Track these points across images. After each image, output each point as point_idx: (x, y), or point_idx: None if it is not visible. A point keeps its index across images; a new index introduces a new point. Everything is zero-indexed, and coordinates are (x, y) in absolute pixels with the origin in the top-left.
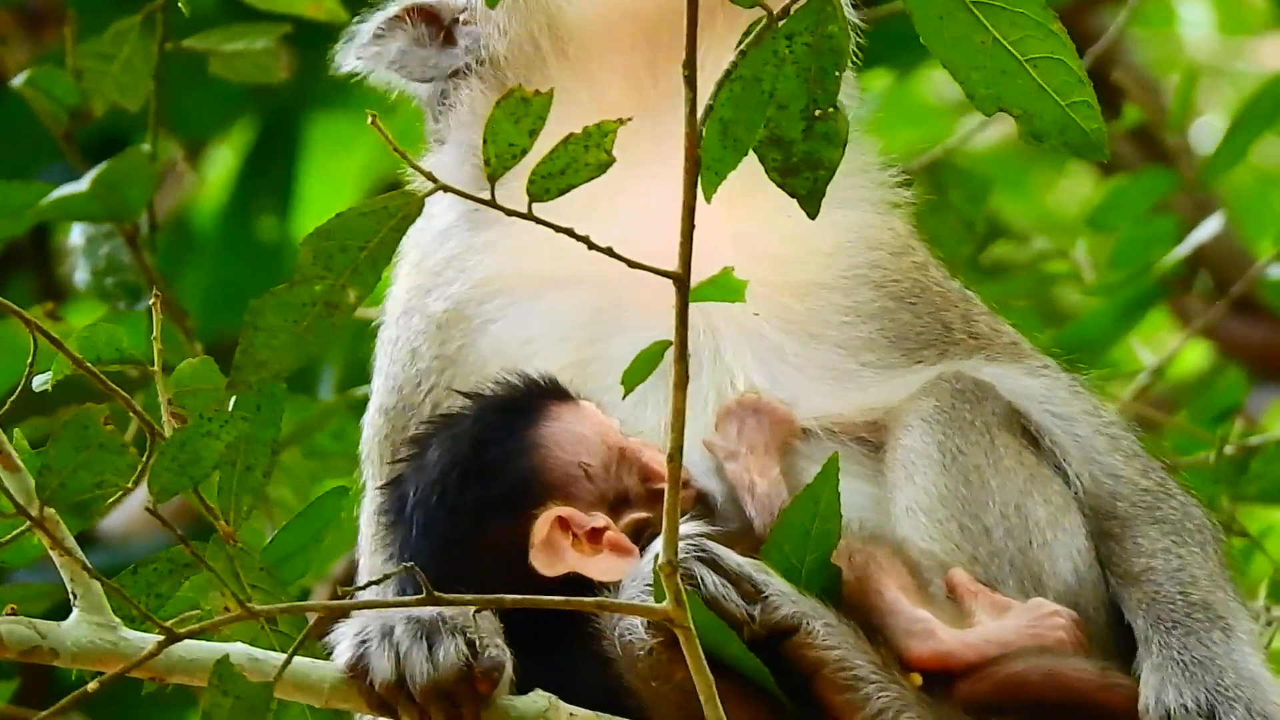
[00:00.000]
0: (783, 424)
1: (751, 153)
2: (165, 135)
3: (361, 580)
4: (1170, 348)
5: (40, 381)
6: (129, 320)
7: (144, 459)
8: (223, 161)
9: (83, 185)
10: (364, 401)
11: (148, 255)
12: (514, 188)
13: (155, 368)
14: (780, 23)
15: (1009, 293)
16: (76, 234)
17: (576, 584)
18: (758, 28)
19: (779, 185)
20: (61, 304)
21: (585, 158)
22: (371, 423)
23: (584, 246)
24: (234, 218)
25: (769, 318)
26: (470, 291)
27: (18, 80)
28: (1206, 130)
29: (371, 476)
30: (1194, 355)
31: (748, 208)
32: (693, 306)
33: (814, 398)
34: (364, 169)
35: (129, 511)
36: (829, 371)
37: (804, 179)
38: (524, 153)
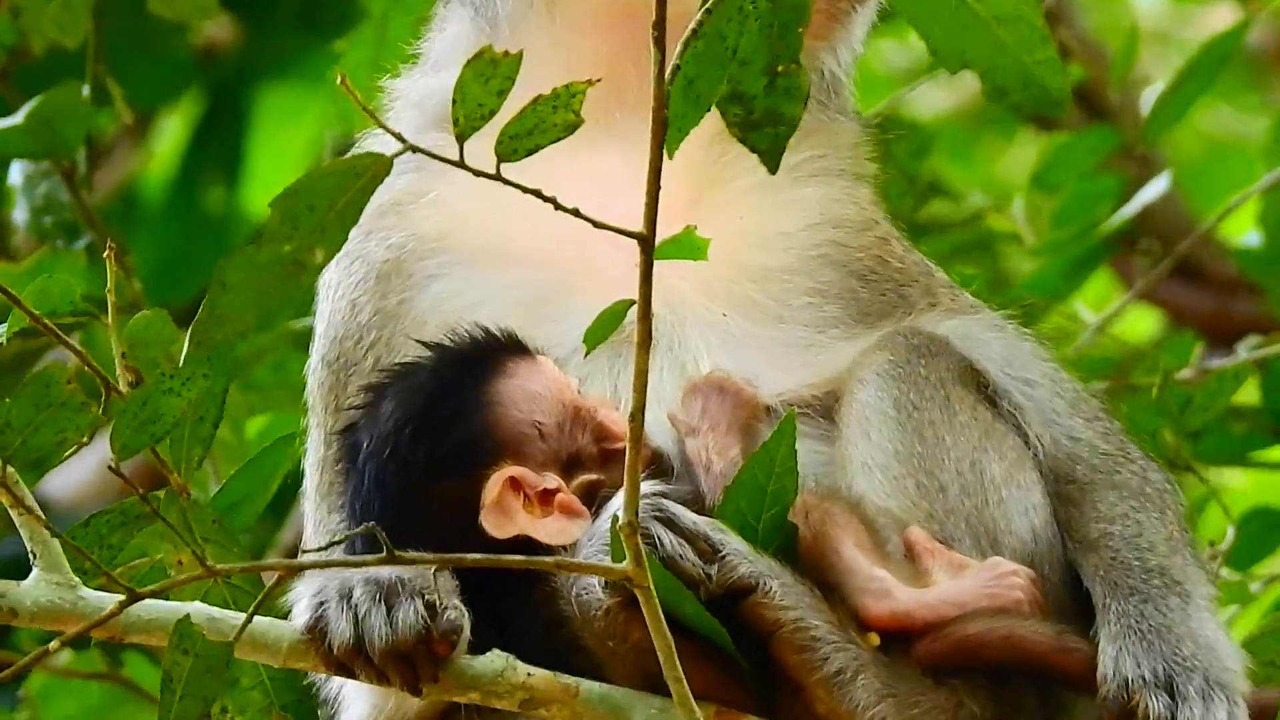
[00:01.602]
0: (747, 405)
1: (715, 146)
2: (110, 112)
3: (309, 530)
4: (1115, 309)
5: None
6: (66, 257)
7: (99, 413)
8: (171, 133)
9: (17, 119)
10: (303, 334)
11: (85, 193)
12: (483, 144)
13: (110, 321)
14: None
15: (953, 256)
16: (15, 173)
17: (526, 544)
18: None
19: (740, 140)
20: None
21: (553, 119)
22: (314, 372)
23: (530, 227)
24: (182, 189)
25: (734, 310)
26: (413, 244)
27: None
28: (1154, 96)
29: (316, 426)
30: (1144, 323)
31: (710, 197)
32: (656, 295)
33: (779, 377)
34: (312, 140)
35: (79, 478)
36: (793, 351)
37: (765, 134)
38: (492, 113)
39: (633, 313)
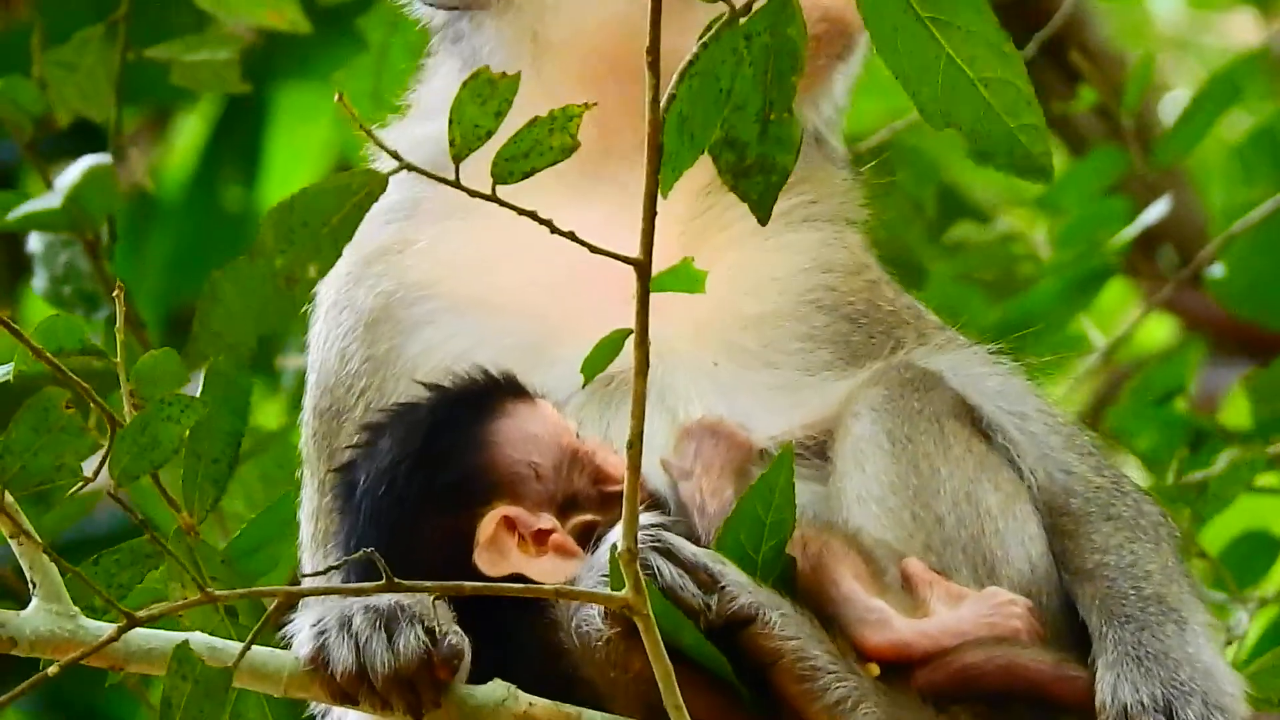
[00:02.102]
0: (740, 448)
1: (703, 197)
2: (127, 110)
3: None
4: (1125, 326)
5: (1, 373)
6: (86, 329)
7: (106, 447)
8: (189, 130)
9: (54, 200)
10: None
11: (106, 264)
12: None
13: (118, 359)
14: (740, 21)
15: (970, 267)
16: (35, 241)
17: (521, 582)
18: (718, 23)
19: (731, 188)
20: (26, 288)
21: (549, 141)
22: (307, 422)
23: (520, 277)
24: (200, 186)
25: (725, 358)
26: (401, 291)
27: None
28: (1173, 105)
29: (309, 476)
30: (1158, 330)
31: (700, 248)
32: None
33: (771, 419)
34: (329, 139)
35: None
36: (784, 393)
37: (756, 182)
38: (489, 134)
39: (627, 355)
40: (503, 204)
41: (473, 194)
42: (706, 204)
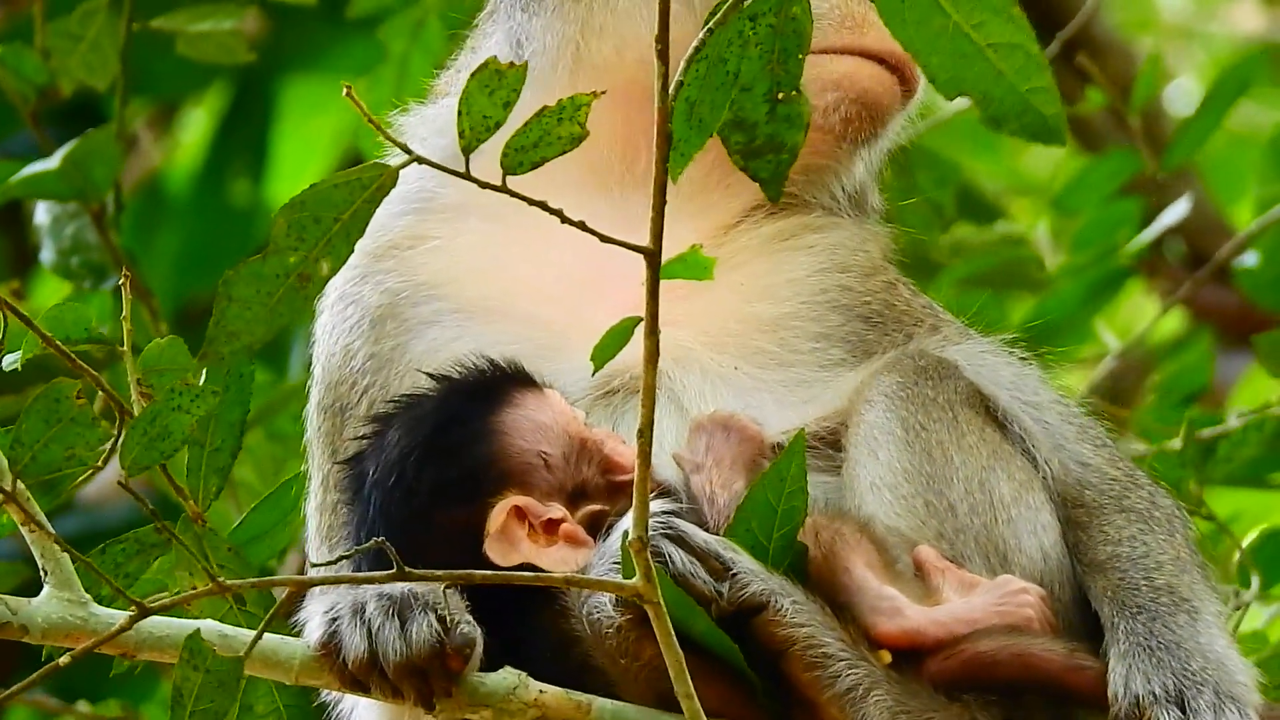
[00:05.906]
0: (752, 441)
1: (721, 203)
2: (135, 102)
3: (312, 572)
4: (1143, 326)
5: (10, 360)
6: (94, 299)
7: (114, 435)
8: (196, 125)
9: (52, 163)
10: None
11: (114, 235)
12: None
13: (124, 347)
14: (745, 3)
15: (978, 268)
16: (42, 213)
17: (531, 570)
18: (724, 7)
19: (741, 169)
20: (32, 270)
21: (558, 130)
22: (311, 418)
23: (530, 284)
24: (207, 181)
25: (742, 361)
26: (408, 291)
27: None
28: (1179, 94)
29: (315, 470)
30: (1168, 321)
31: (718, 254)
32: (661, 352)
33: (785, 415)
34: (337, 133)
35: (102, 479)
36: (798, 389)
37: (766, 162)
38: (498, 125)
39: (633, 363)
40: (513, 194)
41: (483, 185)
42: (723, 215)
